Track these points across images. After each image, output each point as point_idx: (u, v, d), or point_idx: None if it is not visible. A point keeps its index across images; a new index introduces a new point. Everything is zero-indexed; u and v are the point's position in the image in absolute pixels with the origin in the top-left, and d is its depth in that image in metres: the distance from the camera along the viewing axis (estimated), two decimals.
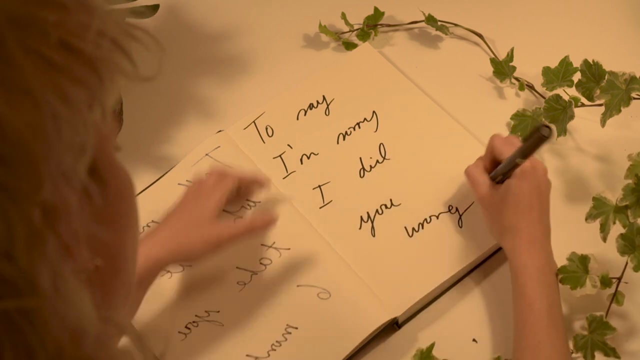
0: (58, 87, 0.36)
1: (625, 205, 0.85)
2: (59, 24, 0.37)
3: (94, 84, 0.38)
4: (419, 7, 1.12)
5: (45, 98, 0.35)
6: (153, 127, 1.06)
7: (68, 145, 0.36)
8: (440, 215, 0.95)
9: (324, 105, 1.04)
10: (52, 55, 0.36)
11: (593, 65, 0.95)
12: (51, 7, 0.37)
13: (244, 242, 0.88)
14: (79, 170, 0.37)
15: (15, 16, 0.35)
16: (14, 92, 0.35)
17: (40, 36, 0.36)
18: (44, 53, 0.36)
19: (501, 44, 1.11)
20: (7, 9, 0.35)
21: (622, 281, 0.87)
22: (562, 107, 0.97)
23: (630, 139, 1.01)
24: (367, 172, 0.99)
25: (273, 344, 0.88)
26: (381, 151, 1.00)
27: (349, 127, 1.02)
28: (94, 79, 0.38)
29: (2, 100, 0.34)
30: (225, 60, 1.12)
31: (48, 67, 0.36)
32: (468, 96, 1.08)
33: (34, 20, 0.36)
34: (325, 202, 0.97)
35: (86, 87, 0.38)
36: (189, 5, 1.17)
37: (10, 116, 0.34)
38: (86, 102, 0.38)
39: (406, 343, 0.90)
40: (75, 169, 0.37)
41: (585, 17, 1.14)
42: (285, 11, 1.17)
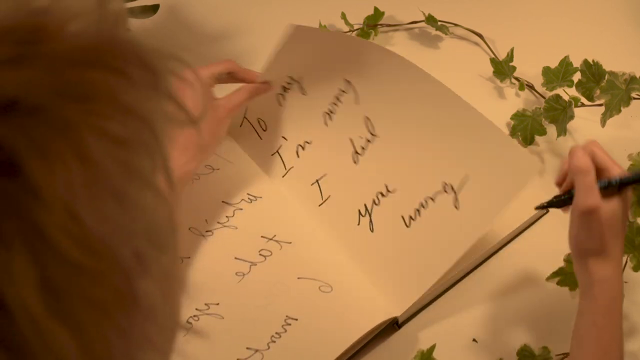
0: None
1: None
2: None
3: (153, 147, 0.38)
4: (419, 7, 1.12)
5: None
6: None
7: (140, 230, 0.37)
8: (436, 196, 0.93)
9: (296, 86, 1.03)
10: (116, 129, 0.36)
11: (593, 65, 0.95)
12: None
13: (244, 232, 0.90)
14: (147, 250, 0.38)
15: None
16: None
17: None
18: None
19: (501, 44, 1.11)
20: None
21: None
22: (562, 107, 0.97)
23: (630, 139, 1.01)
24: (360, 157, 0.98)
25: (273, 336, 0.88)
26: (368, 127, 0.98)
27: (330, 103, 1.01)
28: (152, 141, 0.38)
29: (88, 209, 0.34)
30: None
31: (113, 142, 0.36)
32: (468, 96, 1.07)
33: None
34: (323, 199, 0.97)
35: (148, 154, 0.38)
36: (189, 5, 1.17)
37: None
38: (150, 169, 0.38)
39: (406, 343, 0.90)
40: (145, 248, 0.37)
41: (585, 17, 1.14)
42: (285, 11, 1.17)
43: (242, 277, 0.92)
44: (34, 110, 0.34)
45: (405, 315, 0.90)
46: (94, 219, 0.34)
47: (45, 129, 0.34)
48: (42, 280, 0.33)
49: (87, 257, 0.34)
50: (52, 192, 0.33)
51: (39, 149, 0.34)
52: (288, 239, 0.94)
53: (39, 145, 0.34)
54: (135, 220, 0.36)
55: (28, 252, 0.33)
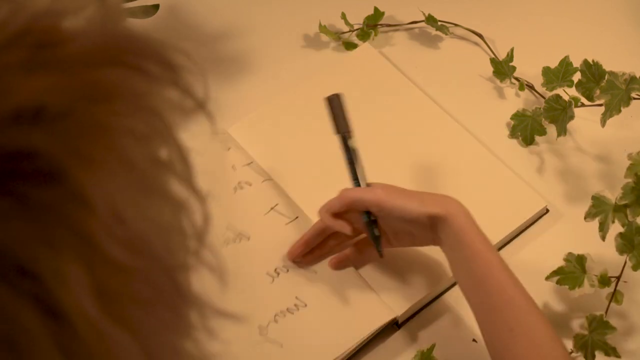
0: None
1: (624, 204, 0.85)
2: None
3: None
4: (419, 7, 1.12)
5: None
6: None
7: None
8: None
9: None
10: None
11: (593, 65, 0.95)
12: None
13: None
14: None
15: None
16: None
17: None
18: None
19: (501, 44, 1.11)
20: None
21: (621, 280, 0.87)
22: (562, 107, 0.97)
23: (630, 139, 1.01)
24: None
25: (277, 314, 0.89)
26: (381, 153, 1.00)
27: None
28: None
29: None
30: (225, 60, 1.12)
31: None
32: (468, 96, 1.08)
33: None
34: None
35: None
36: (189, 5, 1.17)
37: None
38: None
39: (406, 343, 0.90)
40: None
41: (585, 17, 1.14)
42: (285, 11, 1.17)
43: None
44: (62, 116, 0.34)
45: (405, 315, 0.90)
46: (137, 219, 0.35)
47: (78, 133, 0.34)
48: (95, 285, 0.33)
49: (135, 258, 0.35)
50: (98, 197, 0.34)
51: (79, 155, 0.34)
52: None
53: (78, 151, 0.34)
54: (168, 213, 0.36)
55: (79, 258, 0.33)
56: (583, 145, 1.03)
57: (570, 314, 0.91)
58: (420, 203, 0.81)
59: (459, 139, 1.01)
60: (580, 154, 1.02)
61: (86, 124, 0.35)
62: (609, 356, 0.86)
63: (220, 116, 1.06)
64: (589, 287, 0.86)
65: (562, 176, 1.00)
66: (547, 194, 0.98)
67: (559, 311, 0.91)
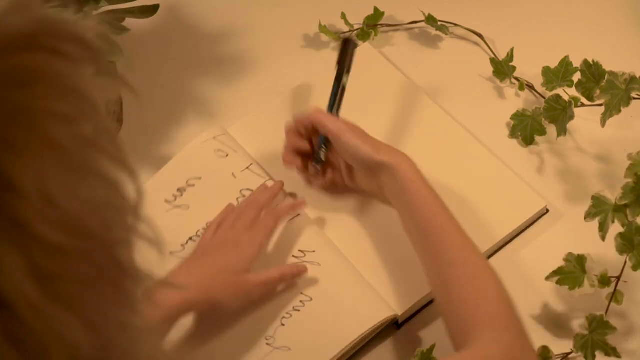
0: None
1: (624, 204, 0.85)
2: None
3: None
4: (419, 7, 1.12)
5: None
6: (152, 127, 1.06)
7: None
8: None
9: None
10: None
11: (593, 65, 0.95)
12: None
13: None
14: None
15: None
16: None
17: None
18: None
19: (501, 44, 1.11)
20: None
21: (621, 280, 0.87)
22: (562, 107, 0.97)
23: (630, 139, 1.01)
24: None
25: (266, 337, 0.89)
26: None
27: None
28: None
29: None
30: (225, 60, 1.12)
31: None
32: (468, 96, 1.08)
33: None
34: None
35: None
36: (189, 5, 1.17)
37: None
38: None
39: (406, 343, 0.90)
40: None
41: (585, 17, 1.14)
42: (285, 11, 1.17)
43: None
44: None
45: (405, 315, 0.90)
46: (68, 200, 0.35)
47: (2, 119, 0.34)
48: (33, 268, 0.34)
49: (71, 238, 0.35)
50: (27, 181, 0.34)
51: (4, 141, 0.34)
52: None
53: (3, 137, 0.34)
54: (101, 191, 0.37)
55: (14, 244, 0.34)
56: (583, 145, 1.03)
57: (570, 314, 0.91)
58: (373, 149, 0.87)
59: (459, 139, 1.01)
60: (580, 154, 1.02)
61: (8, 110, 0.35)
62: (609, 356, 0.86)
63: (220, 116, 1.07)
64: (589, 287, 0.86)
65: (562, 176, 1.00)
66: (547, 194, 0.98)
67: (559, 311, 0.91)
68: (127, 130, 1.05)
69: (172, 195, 0.97)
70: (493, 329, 0.77)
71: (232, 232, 0.89)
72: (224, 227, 0.91)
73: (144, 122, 1.06)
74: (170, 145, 1.04)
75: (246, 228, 0.89)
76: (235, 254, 0.87)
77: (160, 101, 1.08)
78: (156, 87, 1.09)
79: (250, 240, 0.88)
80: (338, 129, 0.89)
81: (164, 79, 1.10)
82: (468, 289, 0.80)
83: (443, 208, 0.84)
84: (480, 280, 0.80)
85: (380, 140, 0.90)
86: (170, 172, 0.99)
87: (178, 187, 0.98)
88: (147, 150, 1.04)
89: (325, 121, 0.90)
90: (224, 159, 1.00)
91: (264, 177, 0.98)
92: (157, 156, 1.03)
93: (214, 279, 0.84)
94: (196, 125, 1.06)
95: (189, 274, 0.84)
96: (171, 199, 0.97)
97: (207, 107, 1.08)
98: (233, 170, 0.99)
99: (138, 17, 0.96)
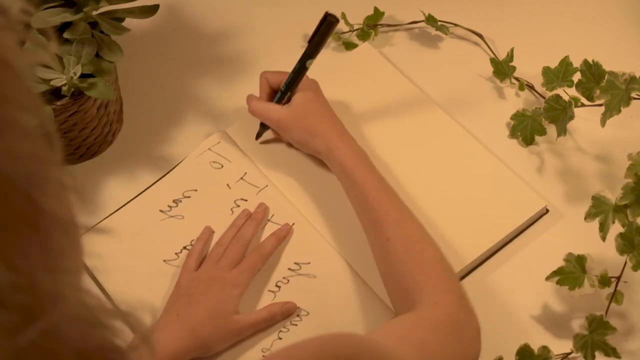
0: None
1: (624, 204, 0.85)
2: None
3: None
4: (419, 7, 1.12)
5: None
6: (153, 127, 1.06)
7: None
8: (440, 220, 0.95)
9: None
10: None
11: (593, 65, 0.95)
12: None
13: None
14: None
15: None
16: None
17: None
18: None
19: (501, 44, 1.11)
20: None
21: (621, 280, 0.87)
22: (562, 107, 0.97)
23: (630, 139, 1.01)
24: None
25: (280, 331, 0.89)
26: (379, 154, 1.00)
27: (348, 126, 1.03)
28: None
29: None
30: (225, 60, 1.12)
31: None
32: (468, 96, 1.08)
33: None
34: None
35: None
36: (189, 5, 1.17)
37: None
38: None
39: None
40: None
41: (585, 17, 1.14)
42: (285, 11, 1.17)
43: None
44: None
45: None
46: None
47: None
48: None
49: None
50: None
51: None
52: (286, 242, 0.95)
53: None
54: (17, 140, 0.37)
55: None
56: (583, 145, 1.03)
57: (570, 314, 0.91)
58: (303, 145, 0.97)
59: (459, 139, 1.01)
60: (580, 154, 1.02)
61: None
62: (609, 356, 0.86)
63: (220, 116, 1.07)
64: (589, 287, 0.86)
65: (562, 176, 1.00)
66: (547, 194, 0.98)
67: (559, 311, 0.91)
68: (127, 130, 1.05)
69: (167, 206, 0.97)
70: (434, 293, 0.80)
71: (218, 270, 0.89)
72: (208, 264, 0.91)
73: (144, 122, 1.06)
74: (170, 146, 1.04)
75: (231, 266, 0.90)
76: (222, 295, 0.87)
77: (160, 101, 1.08)
78: (156, 87, 1.09)
79: (236, 280, 0.88)
80: (277, 121, 0.96)
81: (164, 79, 1.10)
82: (405, 260, 0.83)
83: (378, 186, 0.89)
84: (417, 251, 0.84)
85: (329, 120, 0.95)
86: (167, 184, 1.00)
87: (174, 199, 0.98)
88: (147, 150, 1.04)
89: (267, 112, 0.97)
90: (218, 170, 1.00)
91: (258, 186, 0.98)
92: (157, 156, 1.03)
93: (205, 326, 0.85)
94: (196, 125, 1.06)
95: (181, 323, 0.85)
96: (166, 209, 0.97)
97: (207, 107, 1.08)
98: (228, 182, 0.99)
99: (138, 17, 0.96)
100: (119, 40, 0.93)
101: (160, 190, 0.99)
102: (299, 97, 0.96)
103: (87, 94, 0.90)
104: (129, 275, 0.92)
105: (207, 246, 0.94)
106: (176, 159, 1.02)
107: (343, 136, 0.94)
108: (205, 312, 0.86)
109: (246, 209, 0.96)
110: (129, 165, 1.02)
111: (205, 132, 1.04)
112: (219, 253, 0.92)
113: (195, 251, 0.93)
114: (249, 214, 0.96)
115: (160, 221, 0.97)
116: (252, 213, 0.96)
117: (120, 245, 0.94)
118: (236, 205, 0.97)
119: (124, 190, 0.99)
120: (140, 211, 0.98)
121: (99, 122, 0.99)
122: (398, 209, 0.87)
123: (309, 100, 0.96)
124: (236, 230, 0.94)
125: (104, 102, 0.98)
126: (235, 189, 0.98)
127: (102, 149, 1.03)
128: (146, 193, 0.99)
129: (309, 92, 0.96)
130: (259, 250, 0.92)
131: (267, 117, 0.97)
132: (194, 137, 1.03)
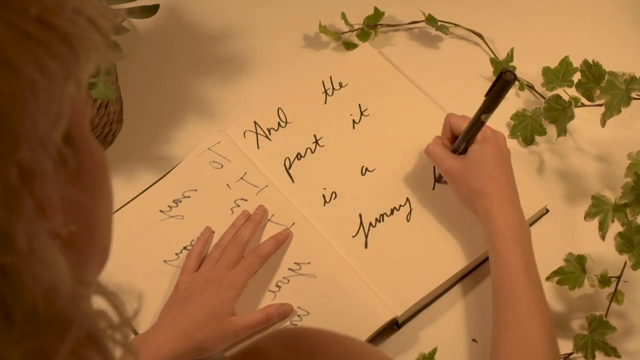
0: (35, 59, 0.38)
1: (624, 203, 0.85)
2: (37, 1, 0.38)
3: (70, 59, 0.40)
4: (419, 7, 1.12)
5: (23, 68, 0.37)
6: (153, 127, 1.06)
7: (44, 112, 0.38)
8: (441, 219, 0.95)
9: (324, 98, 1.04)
10: (29, 28, 0.38)
11: (593, 65, 0.95)
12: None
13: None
14: (54, 136, 0.39)
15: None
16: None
17: (19, 11, 0.37)
18: (21, 26, 0.37)
19: (501, 44, 1.11)
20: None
21: (621, 280, 0.87)
22: (562, 107, 0.97)
23: (630, 139, 1.01)
24: (369, 173, 0.99)
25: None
26: (379, 154, 1.00)
27: (348, 126, 1.03)
28: (69, 54, 0.40)
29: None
30: (225, 60, 1.12)
31: (26, 40, 0.37)
32: (468, 96, 1.07)
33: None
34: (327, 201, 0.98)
35: (62, 61, 0.39)
36: (189, 5, 1.17)
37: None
38: (62, 74, 0.39)
39: (406, 343, 0.90)
40: (51, 135, 0.39)
41: (585, 17, 1.14)
42: (285, 11, 1.17)
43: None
44: None
45: (405, 315, 0.90)
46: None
47: None
48: None
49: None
50: None
51: None
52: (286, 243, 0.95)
53: None
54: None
55: None
56: (583, 145, 1.03)
57: (570, 314, 0.91)
58: (465, 202, 0.91)
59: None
60: (580, 154, 1.02)
61: None
62: (609, 356, 0.86)
63: (220, 116, 1.07)
64: (589, 287, 0.86)
65: (562, 176, 1.00)
66: (547, 194, 0.98)
67: (559, 311, 0.91)
68: (127, 130, 1.05)
69: (167, 206, 0.97)
70: None
71: (216, 272, 0.89)
72: (207, 265, 0.91)
73: (144, 122, 1.06)
74: (170, 146, 1.04)
75: (229, 267, 0.89)
76: (219, 296, 0.87)
77: (160, 101, 1.08)
78: (156, 87, 1.09)
79: (232, 281, 0.88)
80: (445, 171, 0.91)
81: (164, 79, 1.10)
82: (515, 357, 0.79)
83: (519, 271, 0.83)
84: (531, 352, 0.79)
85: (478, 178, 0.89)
86: (167, 184, 1.00)
87: (174, 199, 0.98)
88: (147, 150, 1.04)
89: (439, 158, 0.92)
90: (218, 170, 1.00)
91: (258, 186, 0.98)
92: (157, 156, 1.03)
93: (201, 329, 0.85)
94: (196, 125, 1.06)
95: (176, 325, 0.85)
96: (166, 209, 0.97)
97: (207, 107, 1.08)
98: (228, 181, 0.99)
99: (138, 17, 0.96)
100: (119, 40, 0.93)
101: (160, 190, 0.99)
102: (475, 151, 0.89)
103: None
104: (129, 275, 0.92)
105: (208, 246, 0.94)
106: (176, 159, 1.02)
107: (506, 206, 0.86)
108: (201, 314, 0.85)
109: (246, 210, 0.96)
110: (128, 166, 1.02)
111: (205, 132, 1.04)
112: (217, 254, 0.92)
113: (195, 252, 0.93)
114: (249, 215, 0.95)
115: (160, 221, 0.97)
116: (251, 214, 0.96)
117: (120, 245, 0.94)
118: (236, 205, 0.97)
119: (124, 190, 0.99)
120: (140, 211, 0.98)
121: (99, 122, 0.99)
122: (530, 301, 0.81)
123: (483, 156, 0.89)
124: (235, 231, 0.94)
125: (104, 102, 0.98)
126: (235, 189, 0.98)
127: None
128: (146, 193, 0.99)
129: (487, 146, 0.89)
130: (257, 251, 0.92)
131: (438, 163, 0.92)
132: (194, 137, 1.03)
